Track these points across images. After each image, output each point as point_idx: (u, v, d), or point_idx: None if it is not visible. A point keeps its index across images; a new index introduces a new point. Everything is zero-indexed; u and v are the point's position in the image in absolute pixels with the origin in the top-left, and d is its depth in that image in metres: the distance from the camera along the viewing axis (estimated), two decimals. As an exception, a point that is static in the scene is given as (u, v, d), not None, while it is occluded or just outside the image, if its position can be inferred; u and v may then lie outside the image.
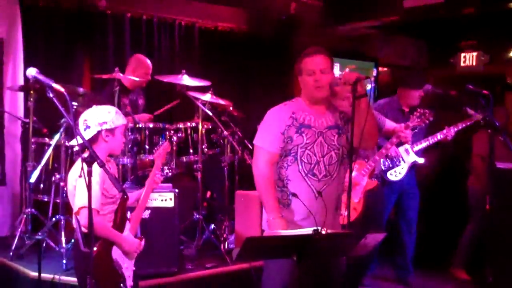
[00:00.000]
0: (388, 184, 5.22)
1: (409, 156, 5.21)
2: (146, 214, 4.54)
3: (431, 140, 5.24)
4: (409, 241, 5.61)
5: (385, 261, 5.84)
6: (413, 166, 5.32)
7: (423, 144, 5.25)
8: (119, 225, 3.49)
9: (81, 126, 3.47)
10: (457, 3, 6.56)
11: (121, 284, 3.45)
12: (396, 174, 5.20)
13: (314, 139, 3.42)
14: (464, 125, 5.24)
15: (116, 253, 3.45)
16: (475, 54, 7.93)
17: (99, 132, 3.46)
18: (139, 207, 3.68)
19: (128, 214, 3.63)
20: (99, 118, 3.47)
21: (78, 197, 3.31)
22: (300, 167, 3.41)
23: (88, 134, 3.44)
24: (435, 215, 6.92)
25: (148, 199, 3.78)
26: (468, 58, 8.01)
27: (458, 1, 6.52)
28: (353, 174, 3.44)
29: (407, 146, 5.17)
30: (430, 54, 8.52)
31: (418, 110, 4.89)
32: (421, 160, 5.24)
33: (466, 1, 6.46)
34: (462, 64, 8.05)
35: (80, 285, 3.47)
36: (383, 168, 5.14)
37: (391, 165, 5.19)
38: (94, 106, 3.59)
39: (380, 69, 8.51)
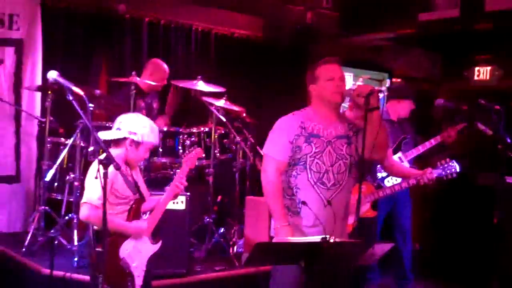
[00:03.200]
0: None
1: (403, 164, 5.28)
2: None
3: (422, 149, 5.33)
4: (405, 250, 5.68)
5: (388, 270, 5.89)
6: None
7: (415, 154, 5.36)
8: None
9: (114, 125, 3.61)
10: (472, 18, 6.60)
11: (129, 283, 3.51)
12: (393, 182, 5.25)
13: (322, 148, 3.48)
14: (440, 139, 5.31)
15: (124, 252, 3.52)
16: (489, 68, 7.94)
17: (125, 138, 3.57)
18: (158, 209, 3.73)
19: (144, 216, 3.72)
20: (132, 127, 3.57)
21: (84, 193, 3.45)
22: (309, 175, 3.46)
23: (115, 135, 3.56)
24: (441, 226, 6.97)
25: (168, 202, 3.79)
26: (482, 72, 8.03)
27: (473, 15, 6.56)
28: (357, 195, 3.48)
29: (399, 154, 5.24)
30: (444, 67, 8.54)
31: (447, 160, 4.63)
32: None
33: (481, 15, 6.49)
34: (476, 78, 8.06)
35: (91, 281, 3.54)
36: (380, 175, 5.20)
37: (387, 172, 5.24)
38: (136, 114, 3.74)
39: (394, 80, 8.54)
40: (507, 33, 6.96)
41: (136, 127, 3.58)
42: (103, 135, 3.51)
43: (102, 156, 3.06)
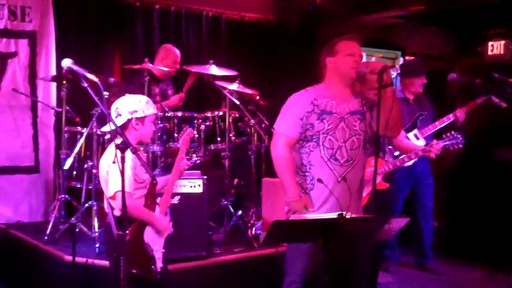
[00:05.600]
0: (401, 170, 5.23)
1: (418, 141, 5.24)
2: (176, 200, 4.66)
3: (439, 124, 5.29)
4: (426, 228, 5.68)
5: (408, 248, 5.90)
6: None
7: (432, 130, 5.31)
8: (149, 208, 3.62)
9: (112, 114, 3.60)
10: (484, -8, 6.54)
11: (152, 266, 3.57)
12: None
13: (335, 125, 3.49)
14: (468, 109, 5.27)
15: (147, 236, 3.58)
16: (503, 42, 7.85)
17: (129, 120, 3.59)
18: (167, 191, 3.78)
19: (157, 199, 3.76)
20: (130, 107, 3.60)
21: (112, 182, 3.45)
22: (322, 152, 3.48)
23: (118, 122, 3.55)
24: (460, 203, 6.95)
25: (175, 183, 3.88)
26: (496, 47, 7.94)
27: (485, -11, 6.50)
28: (370, 169, 3.49)
29: (415, 131, 5.21)
30: (458, 43, 8.46)
31: (453, 132, 4.73)
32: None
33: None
34: (489, 53, 7.98)
35: (112, 266, 3.59)
36: (395, 154, 5.17)
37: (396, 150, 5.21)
38: (126, 95, 3.71)
39: (407, 58, 8.48)
40: (520, 6, 6.89)
41: (133, 105, 3.60)
42: (108, 127, 3.53)
43: (118, 141, 3.09)
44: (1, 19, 5.85)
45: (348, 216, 2.95)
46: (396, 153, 5.02)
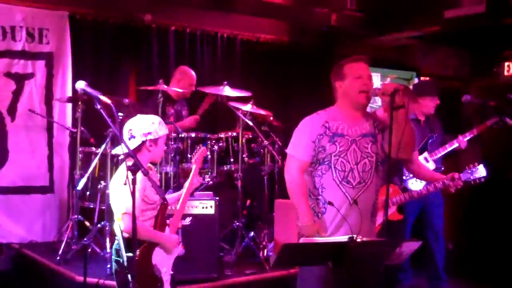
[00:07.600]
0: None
1: (428, 164, 5.21)
2: (188, 221, 4.67)
3: (449, 146, 5.27)
4: (437, 250, 5.60)
5: (421, 271, 5.83)
6: None
7: (442, 152, 5.30)
8: (159, 230, 3.62)
9: (125, 136, 3.62)
10: (499, 13, 6.51)
11: None
12: (418, 184, 5.18)
13: (347, 147, 3.47)
14: (477, 132, 5.22)
15: (156, 258, 3.58)
16: (519, 63, 7.82)
17: (143, 142, 3.61)
18: (178, 212, 3.79)
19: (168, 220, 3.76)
20: (143, 129, 3.62)
21: (118, 204, 3.48)
22: (334, 174, 3.46)
23: (132, 144, 3.58)
24: (475, 226, 6.87)
25: (186, 203, 3.88)
26: (512, 68, 7.91)
27: (500, 10, 6.46)
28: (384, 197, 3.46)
29: (425, 154, 5.18)
30: (473, 64, 8.43)
31: (476, 164, 4.40)
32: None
33: (508, 10, 6.40)
34: (506, 73, 7.95)
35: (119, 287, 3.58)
36: (404, 177, 5.13)
37: (412, 174, 5.17)
38: (138, 116, 3.73)
39: (422, 79, 8.46)
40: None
41: (147, 127, 3.62)
42: (121, 149, 3.53)
43: (130, 163, 3.10)
44: (19, 41, 5.94)
45: (359, 240, 2.93)
46: (404, 178, 4.98)
